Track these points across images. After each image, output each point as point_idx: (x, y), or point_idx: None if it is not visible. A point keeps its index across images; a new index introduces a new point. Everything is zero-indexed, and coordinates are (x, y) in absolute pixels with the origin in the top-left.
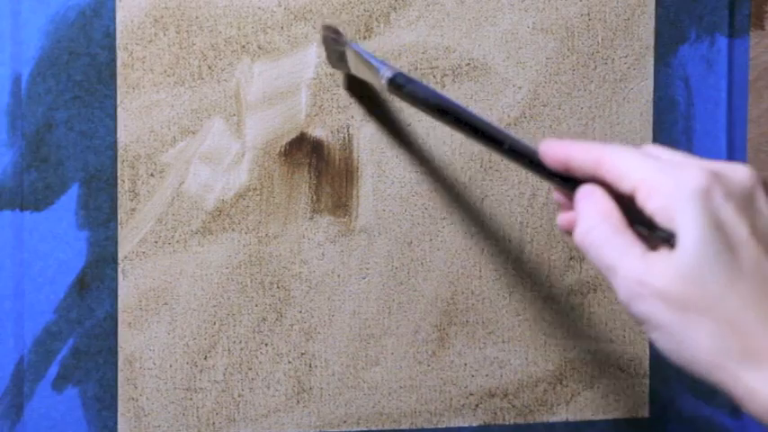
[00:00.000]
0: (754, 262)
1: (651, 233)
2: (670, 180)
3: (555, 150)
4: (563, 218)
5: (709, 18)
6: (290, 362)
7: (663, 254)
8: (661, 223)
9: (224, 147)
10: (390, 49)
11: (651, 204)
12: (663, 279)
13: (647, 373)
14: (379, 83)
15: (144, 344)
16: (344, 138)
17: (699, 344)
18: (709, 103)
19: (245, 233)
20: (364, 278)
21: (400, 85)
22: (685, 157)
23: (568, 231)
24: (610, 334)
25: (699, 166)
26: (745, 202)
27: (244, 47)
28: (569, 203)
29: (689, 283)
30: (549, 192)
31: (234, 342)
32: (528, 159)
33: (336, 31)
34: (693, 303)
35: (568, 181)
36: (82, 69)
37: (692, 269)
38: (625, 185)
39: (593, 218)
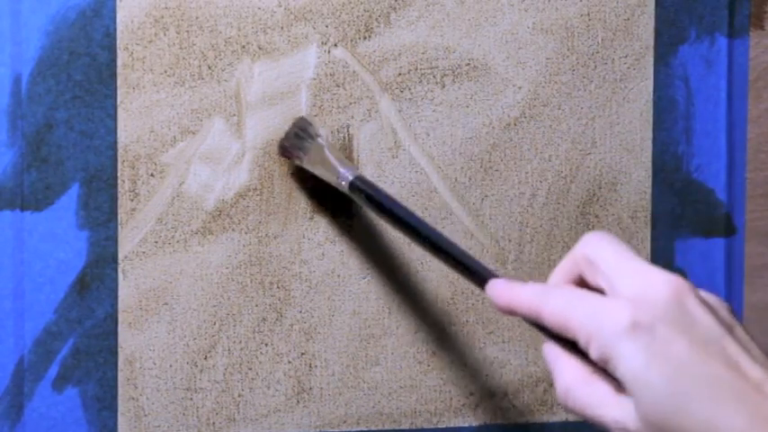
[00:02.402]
0: (703, 375)
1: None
2: (599, 324)
3: (500, 294)
4: None
5: (709, 18)
6: (290, 362)
7: (627, 395)
8: (609, 368)
9: (224, 147)
10: (390, 49)
11: (593, 353)
12: (633, 422)
13: None
14: (338, 183)
15: (144, 344)
16: (344, 138)
17: None
18: (709, 103)
19: (246, 233)
20: (364, 278)
21: (360, 189)
22: (618, 271)
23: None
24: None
25: (622, 298)
26: (677, 317)
27: (244, 47)
28: None
29: (652, 424)
30: (549, 192)
31: (234, 342)
32: (470, 272)
33: (306, 125)
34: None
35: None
36: (82, 69)
37: (647, 406)
38: (567, 335)
39: (564, 380)
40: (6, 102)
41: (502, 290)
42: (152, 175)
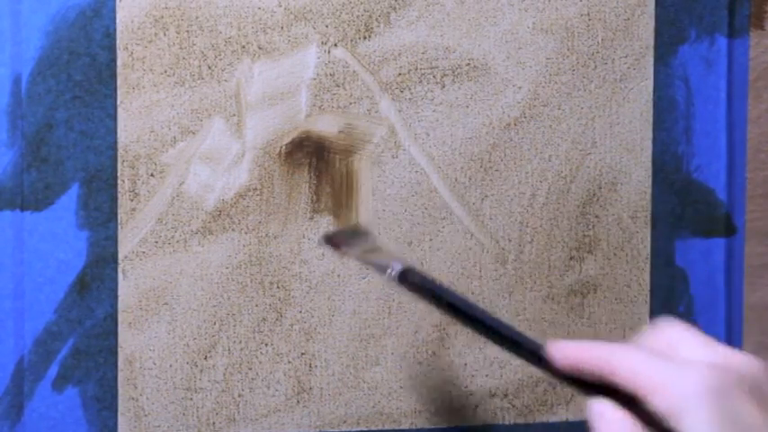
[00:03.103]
0: None
1: None
2: (678, 382)
3: (565, 353)
4: None
5: (709, 18)
6: (290, 362)
7: None
8: (672, 425)
9: (224, 147)
10: (390, 49)
11: (660, 405)
12: None
13: None
14: (387, 275)
15: (144, 344)
16: (344, 138)
17: None
18: (709, 103)
19: (245, 233)
20: (364, 278)
21: (410, 280)
22: (697, 344)
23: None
24: (610, 334)
25: (705, 363)
26: (756, 394)
27: (244, 47)
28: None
29: None
30: (549, 192)
31: (234, 342)
32: (536, 357)
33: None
34: None
35: (576, 381)
36: (82, 69)
37: None
38: (634, 389)
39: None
40: (6, 102)
41: (566, 345)
42: (152, 175)
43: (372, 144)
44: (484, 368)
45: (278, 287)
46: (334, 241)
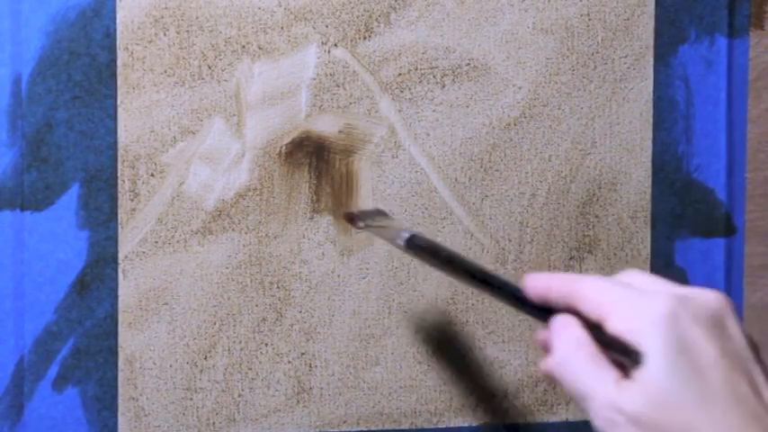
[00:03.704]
0: (726, 383)
1: (622, 357)
2: (638, 305)
3: (536, 283)
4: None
5: (709, 18)
6: (290, 362)
7: (635, 380)
8: (629, 347)
9: (224, 147)
10: (390, 48)
11: (619, 327)
12: (634, 405)
13: None
14: (396, 243)
15: (144, 344)
16: (344, 138)
17: None
18: (709, 103)
19: (245, 233)
20: (364, 278)
21: (418, 245)
22: (658, 282)
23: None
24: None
25: (666, 292)
26: (715, 326)
27: (244, 47)
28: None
29: (659, 409)
30: (549, 192)
31: (234, 342)
32: (514, 297)
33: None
34: (666, 428)
35: (551, 314)
36: (82, 69)
37: (661, 393)
38: (596, 313)
39: (566, 348)
40: (6, 102)
41: (538, 276)
42: (152, 175)
43: (372, 144)
44: (484, 368)
45: (278, 287)
46: (353, 217)
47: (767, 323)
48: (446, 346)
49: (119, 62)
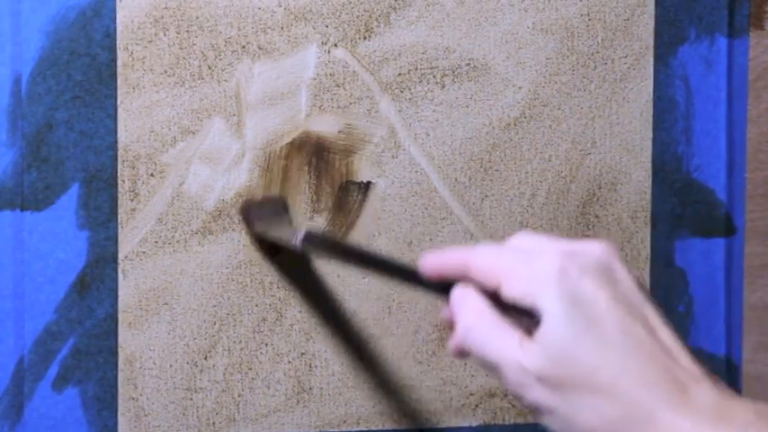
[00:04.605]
0: (621, 328)
1: (522, 318)
2: (527, 267)
3: (431, 262)
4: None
5: (709, 18)
6: (290, 362)
7: (535, 339)
8: (526, 308)
9: (224, 147)
10: (390, 48)
11: (514, 292)
12: (538, 363)
13: None
14: (293, 242)
15: (144, 344)
16: (344, 138)
17: (586, 421)
18: (709, 103)
19: (246, 233)
20: (364, 278)
21: (313, 239)
22: (546, 241)
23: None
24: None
25: (553, 250)
26: (604, 274)
27: (244, 47)
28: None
29: (560, 363)
30: (549, 192)
31: (234, 342)
32: (414, 278)
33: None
34: (570, 382)
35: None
36: (82, 69)
37: (559, 348)
38: (491, 281)
39: (468, 318)
40: (6, 102)
41: (431, 255)
42: (152, 175)
43: (372, 144)
44: None
45: (278, 287)
46: (248, 216)
47: (767, 323)
48: (446, 346)
49: (119, 62)
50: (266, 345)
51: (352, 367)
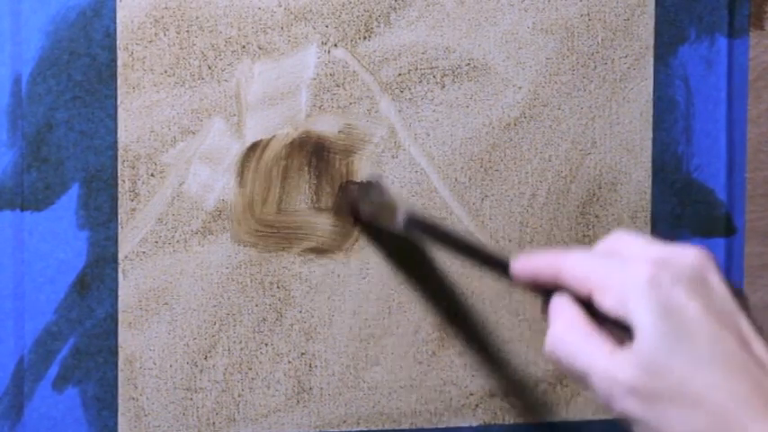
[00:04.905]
0: (713, 340)
1: (616, 331)
2: (618, 276)
3: (523, 266)
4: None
5: (709, 18)
6: (290, 362)
7: (627, 350)
8: (619, 319)
9: (224, 147)
10: (390, 48)
11: (607, 303)
12: (628, 375)
13: None
14: (397, 224)
15: (144, 344)
16: (344, 138)
17: None
18: (709, 103)
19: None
20: (364, 278)
21: (417, 222)
22: (640, 244)
23: None
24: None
25: (645, 258)
26: (697, 283)
27: (244, 47)
28: None
29: (652, 374)
30: (549, 192)
31: (234, 342)
32: (507, 274)
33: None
34: (661, 393)
35: (545, 291)
36: (82, 69)
37: (651, 360)
38: (583, 290)
39: (560, 328)
40: (6, 102)
41: (525, 258)
42: (152, 175)
43: (372, 144)
44: (484, 368)
45: (278, 287)
46: (355, 211)
47: (767, 323)
48: (446, 346)
49: (119, 62)
50: (266, 345)
51: (352, 367)
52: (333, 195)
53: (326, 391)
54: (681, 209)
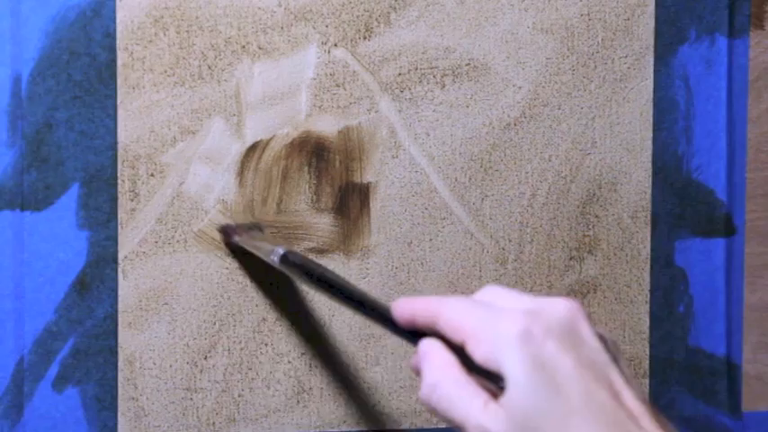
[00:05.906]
0: (585, 393)
1: (487, 380)
2: (492, 328)
3: (402, 308)
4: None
5: (709, 18)
6: (290, 362)
7: (499, 403)
8: (491, 371)
9: (224, 147)
10: (390, 48)
11: (479, 354)
12: (501, 428)
13: (647, 372)
14: (270, 259)
15: (144, 344)
16: (344, 138)
17: None
18: (709, 103)
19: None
20: (364, 278)
21: (292, 261)
22: (513, 297)
23: None
24: (610, 334)
25: (518, 310)
26: (568, 336)
27: (244, 47)
28: None
29: (524, 429)
30: (549, 192)
31: (234, 342)
32: (385, 320)
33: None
34: None
35: (421, 337)
36: (82, 69)
37: (523, 414)
38: (457, 337)
39: (434, 374)
40: (6, 102)
41: (404, 301)
42: (152, 175)
43: (372, 144)
44: None
45: (278, 287)
46: (227, 230)
47: (767, 323)
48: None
49: (119, 62)
50: (266, 345)
51: (352, 367)
52: (332, 196)
53: (326, 391)
54: (681, 209)
